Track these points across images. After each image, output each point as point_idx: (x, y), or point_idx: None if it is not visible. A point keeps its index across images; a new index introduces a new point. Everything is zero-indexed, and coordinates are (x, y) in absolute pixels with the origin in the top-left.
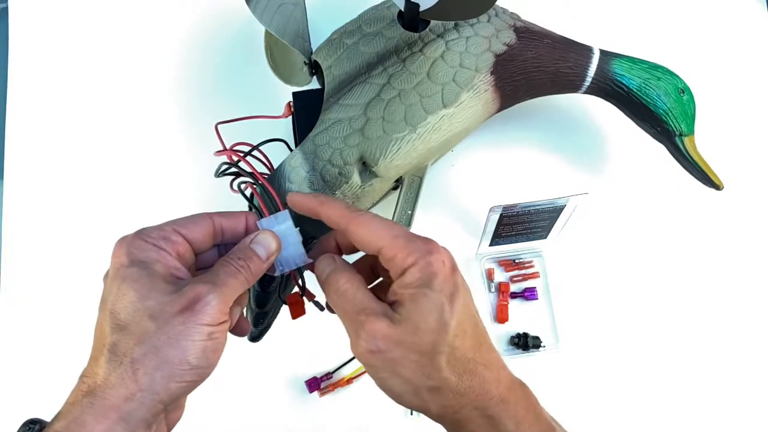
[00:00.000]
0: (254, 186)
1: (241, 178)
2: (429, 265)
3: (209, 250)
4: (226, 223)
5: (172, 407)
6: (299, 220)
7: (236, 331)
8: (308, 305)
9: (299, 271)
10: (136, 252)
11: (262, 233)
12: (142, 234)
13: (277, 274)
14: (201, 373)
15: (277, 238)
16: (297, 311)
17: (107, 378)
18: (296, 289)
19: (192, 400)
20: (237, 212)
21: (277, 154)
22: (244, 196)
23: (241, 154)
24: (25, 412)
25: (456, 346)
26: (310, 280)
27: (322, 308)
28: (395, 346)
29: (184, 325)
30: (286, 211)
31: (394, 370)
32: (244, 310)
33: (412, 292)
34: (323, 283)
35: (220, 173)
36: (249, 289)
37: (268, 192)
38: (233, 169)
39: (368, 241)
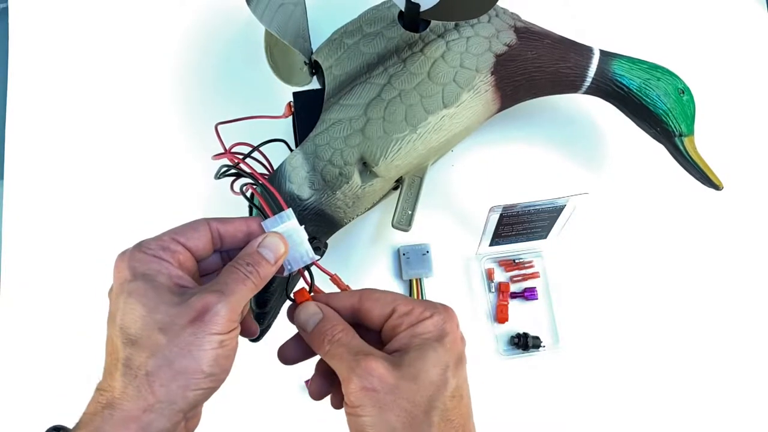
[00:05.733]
0: (254, 186)
1: (242, 180)
2: (444, 322)
3: (210, 256)
4: (224, 229)
5: (190, 415)
6: (302, 220)
7: (244, 332)
8: None
9: (307, 269)
10: (138, 265)
11: (270, 236)
12: (141, 246)
13: (285, 274)
14: (216, 379)
15: (285, 240)
16: None
17: (124, 391)
18: (301, 284)
19: None
20: (235, 218)
21: (277, 155)
22: (245, 197)
23: (240, 157)
24: (25, 412)
25: (450, 407)
26: (317, 275)
27: None
28: (390, 389)
29: (195, 336)
30: (290, 210)
31: (382, 414)
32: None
33: (421, 342)
34: (310, 333)
35: (220, 175)
36: None
37: (269, 192)
38: (233, 171)
39: (383, 303)
